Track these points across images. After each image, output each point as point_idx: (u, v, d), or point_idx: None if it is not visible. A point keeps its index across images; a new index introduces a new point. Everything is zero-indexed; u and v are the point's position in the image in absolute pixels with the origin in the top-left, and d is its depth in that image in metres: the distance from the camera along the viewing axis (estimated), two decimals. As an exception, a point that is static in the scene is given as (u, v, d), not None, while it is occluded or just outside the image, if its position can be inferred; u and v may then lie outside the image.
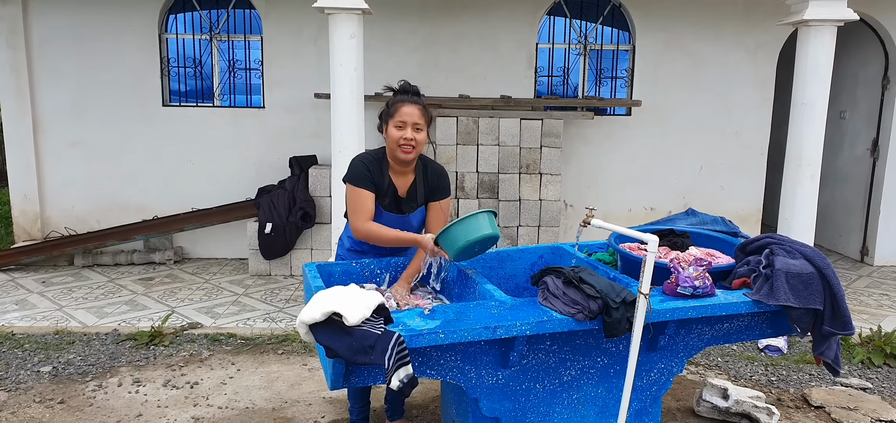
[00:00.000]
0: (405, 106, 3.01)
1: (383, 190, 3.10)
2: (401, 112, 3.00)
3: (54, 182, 7.05)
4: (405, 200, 3.16)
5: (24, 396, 3.95)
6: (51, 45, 6.83)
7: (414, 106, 3.02)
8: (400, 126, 3.00)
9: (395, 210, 3.15)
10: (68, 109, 6.93)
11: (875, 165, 7.22)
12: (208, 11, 7.01)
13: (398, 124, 3.00)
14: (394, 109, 3.03)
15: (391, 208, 3.13)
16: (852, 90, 7.53)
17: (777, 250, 2.86)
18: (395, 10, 6.74)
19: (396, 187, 3.14)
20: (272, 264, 6.54)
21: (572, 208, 7.19)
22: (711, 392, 3.75)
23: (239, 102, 7.17)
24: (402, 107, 3.01)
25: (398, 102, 3.04)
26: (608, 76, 7.21)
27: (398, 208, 3.15)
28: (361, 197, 3.04)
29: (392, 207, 3.14)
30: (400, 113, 3.00)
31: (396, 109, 3.02)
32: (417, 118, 3.01)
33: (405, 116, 2.99)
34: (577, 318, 2.49)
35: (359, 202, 3.04)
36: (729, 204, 7.13)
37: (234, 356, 4.55)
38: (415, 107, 3.02)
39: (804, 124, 5.14)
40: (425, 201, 3.20)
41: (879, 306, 5.87)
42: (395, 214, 3.14)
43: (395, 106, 3.03)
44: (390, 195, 3.13)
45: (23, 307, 5.53)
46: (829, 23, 4.97)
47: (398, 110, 3.01)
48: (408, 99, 3.03)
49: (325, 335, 2.31)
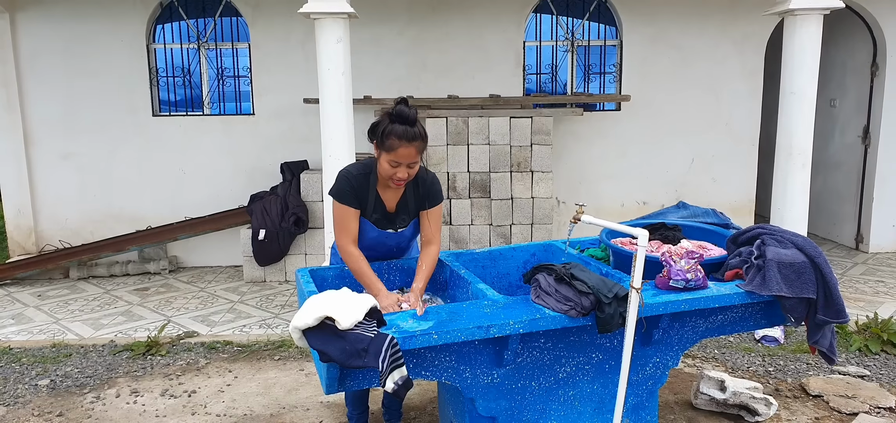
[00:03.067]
0: (402, 147, 2.82)
1: (369, 206, 3.04)
2: (397, 153, 2.83)
3: (47, 195, 7.03)
4: (397, 215, 3.12)
5: (23, 410, 3.94)
6: (39, 58, 6.81)
7: (411, 146, 2.83)
8: (394, 164, 2.87)
9: (387, 226, 3.10)
10: (59, 122, 6.91)
11: (867, 152, 7.25)
12: (195, 20, 6.99)
13: (393, 162, 2.86)
14: (389, 142, 2.84)
15: (382, 224, 3.08)
16: (841, 78, 7.56)
17: (768, 240, 2.87)
18: (381, 13, 6.74)
19: (385, 203, 3.08)
20: (267, 271, 6.53)
21: (565, 205, 7.21)
22: (709, 385, 3.76)
23: (229, 109, 7.16)
24: (400, 147, 2.82)
25: (394, 137, 2.82)
26: (596, 72, 7.23)
27: (390, 223, 3.11)
28: (345, 215, 2.99)
29: (383, 223, 3.08)
30: (396, 153, 2.83)
31: (392, 144, 2.83)
32: (413, 157, 2.87)
33: (401, 158, 2.84)
34: (570, 315, 2.50)
35: (342, 220, 3.00)
36: (721, 196, 7.16)
37: (231, 363, 4.55)
38: (412, 147, 2.84)
39: (794, 114, 5.15)
40: (418, 212, 3.16)
41: (875, 293, 5.89)
42: (386, 230, 3.10)
43: (390, 140, 2.83)
44: (379, 211, 3.07)
45: (19, 322, 5.51)
46: (815, 11, 4.99)
47: (395, 150, 2.83)
48: (405, 137, 2.82)
49: (319, 340, 2.31)
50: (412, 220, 3.17)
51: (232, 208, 6.94)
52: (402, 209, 3.13)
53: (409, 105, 2.89)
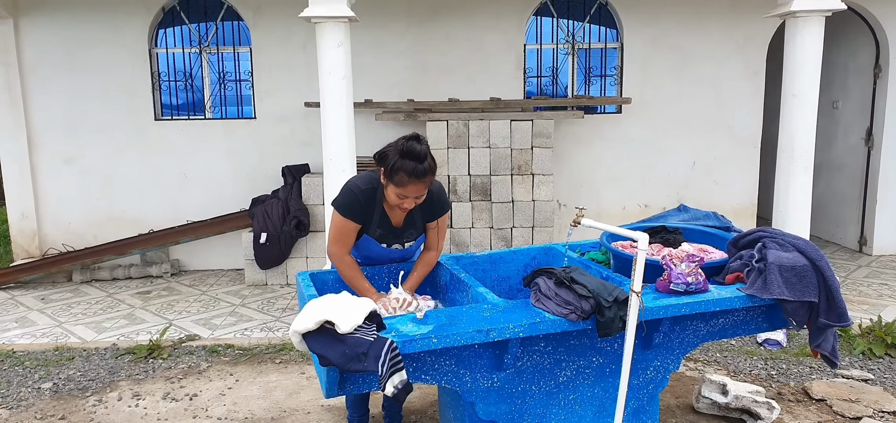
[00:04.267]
0: (411, 185, 2.79)
1: (373, 222, 3.03)
2: (406, 189, 2.80)
3: (50, 199, 7.05)
4: (403, 231, 3.10)
5: (26, 413, 3.95)
6: (43, 62, 6.83)
7: (420, 184, 2.80)
8: (401, 196, 2.85)
9: (393, 242, 3.09)
10: (62, 126, 6.93)
11: (870, 154, 7.23)
12: (197, 25, 7.01)
13: (400, 195, 2.84)
14: (398, 178, 2.78)
15: (387, 240, 3.07)
16: (844, 80, 7.54)
17: (769, 244, 2.85)
18: (382, 16, 6.75)
19: (390, 219, 3.07)
20: (268, 274, 6.53)
21: (566, 208, 7.20)
22: (710, 388, 3.75)
23: (230, 113, 7.17)
24: (409, 185, 2.79)
25: (404, 174, 2.77)
26: (597, 74, 7.22)
27: (396, 239, 3.09)
28: (345, 228, 2.99)
29: (387, 239, 3.07)
30: (405, 188, 2.80)
31: (401, 180, 2.78)
32: (421, 191, 2.84)
33: (409, 193, 2.82)
34: (570, 318, 2.49)
35: (341, 232, 3.00)
36: (723, 198, 7.14)
37: (232, 366, 4.55)
38: (421, 184, 2.81)
39: (795, 116, 5.14)
40: (425, 224, 3.15)
41: (879, 296, 5.87)
42: (393, 248, 3.10)
43: (399, 176, 2.78)
44: (384, 227, 3.06)
45: (23, 325, 5.52)
46: (816, 13, 4.97)
47: (404, 186, 2.79)
48: (415, 174, 2.77)
49: (319, 344, 2.31)
50: (420, 235, 3.17)
51: (233, 212, 6.94)
52: (409, 225, 3.12)
53: (421, 140, 2.80)
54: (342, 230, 3.00)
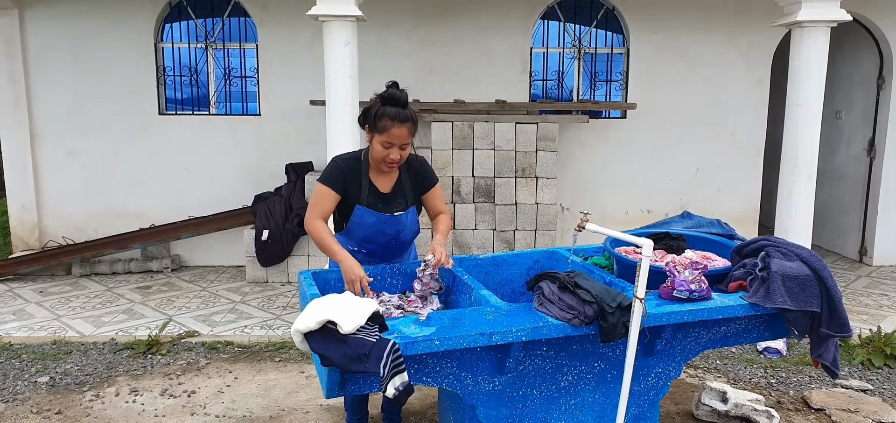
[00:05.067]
0: (395, 128, 2.90)
1: (363, 190, 3.07)
2: (390, 133, 2.91)
3: (52, 192, 7.05)
4: (392, 197, 3.13)
5: (21, 407, 3.94)
6: (48, 56, 6.83)
7: (403, 127, 2.91)
8: (386, 145, 2.94)
9: (384, 209, 3.11)
10: (65, 119, 6.93)
11: (872, 164, 7.23)
12: (203, 20, 7.01)
13: (385, 143, 2.93)
14: (382, 123, 2.92)
15: (378, 207, 3.10)
16: (848, 90, 7.54)
17: (773, 253, 2.85)
18: (389, 16, 6.75)
19: (377, 187, 3.11)
20: (269, 272, 6.53)
21: (569, 212, 7.19)
22: (710, 396, 3.75)
23: (235, 109, 7.17)
24: (392, 128, 2.90)
25: (387, 118, 2.91)
26: (603, 79, 7.22)
27: (387, 206, 3.12)
28: (324, 196, 3.03)
29: (378, 206, 3.10)
30: (389, 133, 2.91)
31: (384, 125, 2.91)
32: (405, 138, 2.94)
33: (394, 138, 2.91)
34: (573, 323, 2.49)
35: (319, 199, 3.03)
36: (725, 205, 7.14)
37: (231, 364, 4.54)
38: (404, 127, 2.91)
39: (799, 125, 5.14)
40: (416, 198, 3.20)
41: (879, 306, 5.87)
42: (383, 214, 3.11)
43: (383, 121, 2.92)
44: (373, 194, 3.09)
45: (20, 317, 5.51)
46: (822, 24, 4.98)
47: (387, 130, 2.91)
48: (398, 117, 2.90)
49: (320, 344, 2.30)
50: (410, 207, 3.17)
51: (236, 208, 6.94)
52: (398, 192, 3.14)
53: (400, 89, 2.95)
54: (321, 197, 3.03)
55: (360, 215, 3.08)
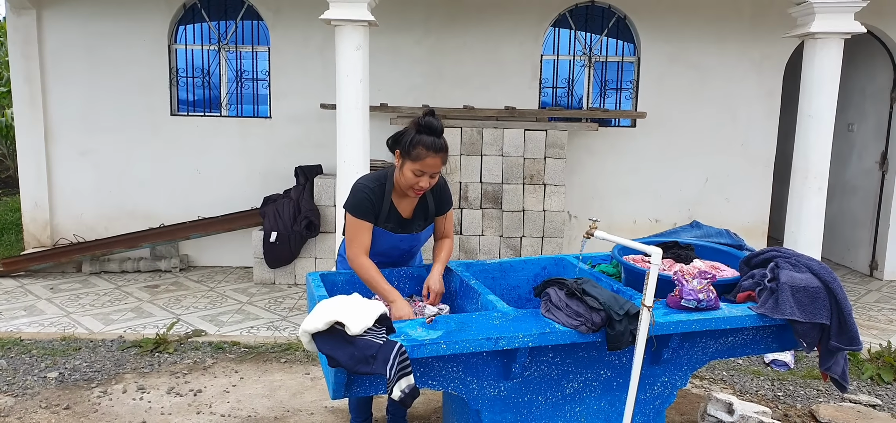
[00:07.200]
0: (430, 158, 2.88)
1: (383, 214, 3.07)
2: (424, 162, 2.88)
3: (64, 190, 7.11)
4: (413, 221, 3.16)
5: (31, 401, 3.97)
6: (63, 55, 6.90)
7: (437, 156, 2.90)
8: (418, 173, 2.92)
9: (400, 231, 3.12)
10: (79, 118, 6.99)
11: (884, 178, 7.18)
12: (217, 23, 7.06)
13: (417, 171, 2.91)
14: (416, 151, 2.88)
15: (396, 230, 3.11)
16: (860, 103, 7.50)
17: (783, 264, 2.84)
18: (400, 22, 6.77)
19: (399, 211, 3.11)
20: (276, 273, 6.55)
21: (576, 219, 7.18)
22: (716, 407, 3.72)
23: (246, 112, 7.21)
24: (427, 158, 2.88)
25: (422, 147, 2.88)
26: (613, 88, 7.21)
27: (405, 229, 3.14)
28: (360, 229, 3.02)
29: (397, 229, 3.11)
30: (423, 162, 2.88)
31: (419, 154, 2.88)
32: (437, 167, 2.93)
33: (427, 167, 2.89)
34: (580, 330, 2.49)
35: (356, 233, 3.02)
36: (735, 216, 7.10)
37: (237, 364, 4.56)
38: (438, 157, 2.90)
39: (811, 137, 5.11)
40: (433, 217, 3.22)
41: (889, 321, 5.81)
42: (402, 234, 3.12)
43: (417, 150, 2.88)
44: (394, 219, 3.10)
45: (31, 313, 5.56)
46: (835, 35, 4.95)
47: (421, 159, 2.88)
48: (433, 147, 2.88)
49: (328, 345, 2.31)
50: (429, 225, 3.21)
51: (244, 210, 6.97)
52: (418, 215, 3.16)
53: (436, 116, 2.95)
54: (358, 231, 3.02)
55: (376, 235, 3.10)
